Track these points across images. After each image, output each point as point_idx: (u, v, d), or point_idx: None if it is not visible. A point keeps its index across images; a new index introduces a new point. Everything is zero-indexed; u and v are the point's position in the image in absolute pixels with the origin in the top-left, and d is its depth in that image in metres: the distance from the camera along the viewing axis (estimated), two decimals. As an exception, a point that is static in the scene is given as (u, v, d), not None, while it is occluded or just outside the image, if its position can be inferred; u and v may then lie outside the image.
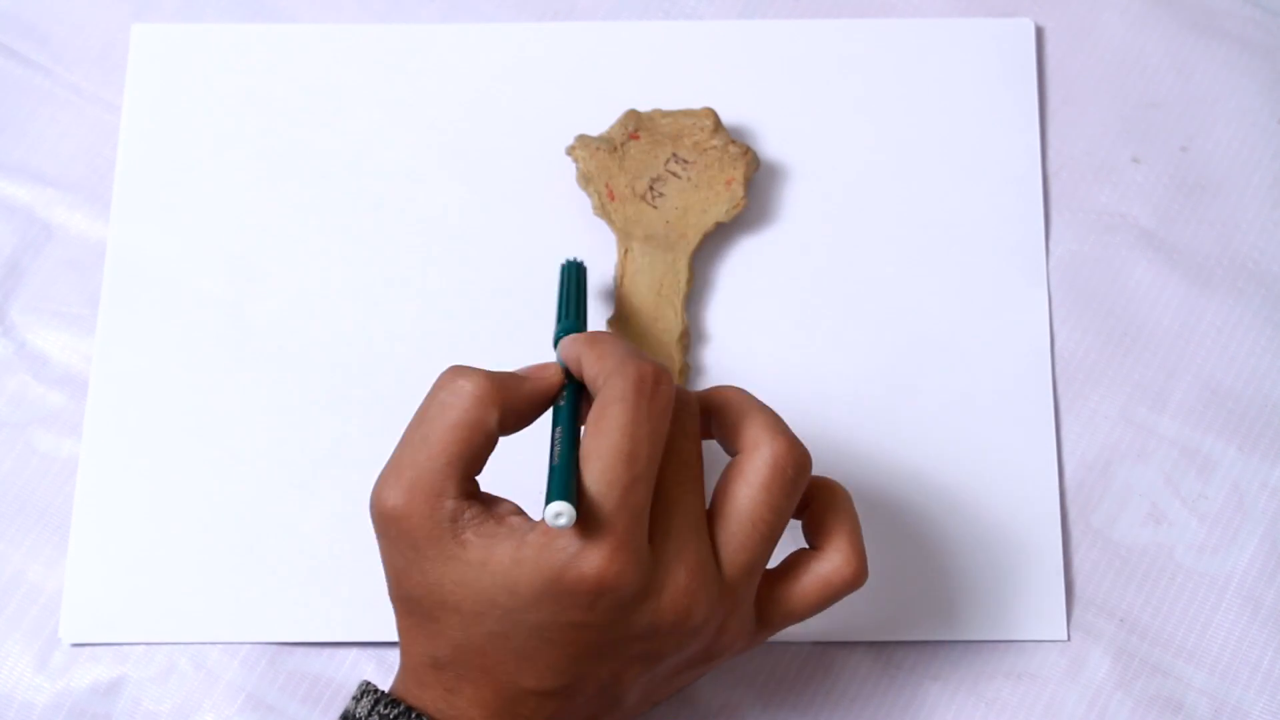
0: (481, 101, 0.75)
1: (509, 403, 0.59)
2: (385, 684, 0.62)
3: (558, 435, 0.58)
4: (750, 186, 0.73)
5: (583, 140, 0.72)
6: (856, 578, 0.61)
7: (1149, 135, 0.75)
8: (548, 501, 0.54)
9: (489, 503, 0.58)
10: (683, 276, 0.71)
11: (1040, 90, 0.75)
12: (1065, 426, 0.71)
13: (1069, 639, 0.68)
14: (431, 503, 0.57)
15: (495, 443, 0.59)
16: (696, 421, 0.60)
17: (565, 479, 0.55)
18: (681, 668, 0.61)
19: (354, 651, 0.69)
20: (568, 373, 0.61)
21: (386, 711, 0.59)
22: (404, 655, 0.61)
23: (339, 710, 0.68)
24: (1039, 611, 0.69)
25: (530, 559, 0.56)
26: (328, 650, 0.69)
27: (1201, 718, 0.68)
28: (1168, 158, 0.75)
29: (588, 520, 0.56)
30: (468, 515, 0.57)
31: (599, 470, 0.56)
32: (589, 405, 0.60)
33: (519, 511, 0.59)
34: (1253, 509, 0.70)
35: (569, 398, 0.60)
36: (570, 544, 0.56)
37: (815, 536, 0.62)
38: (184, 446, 0.70)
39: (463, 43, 0.76)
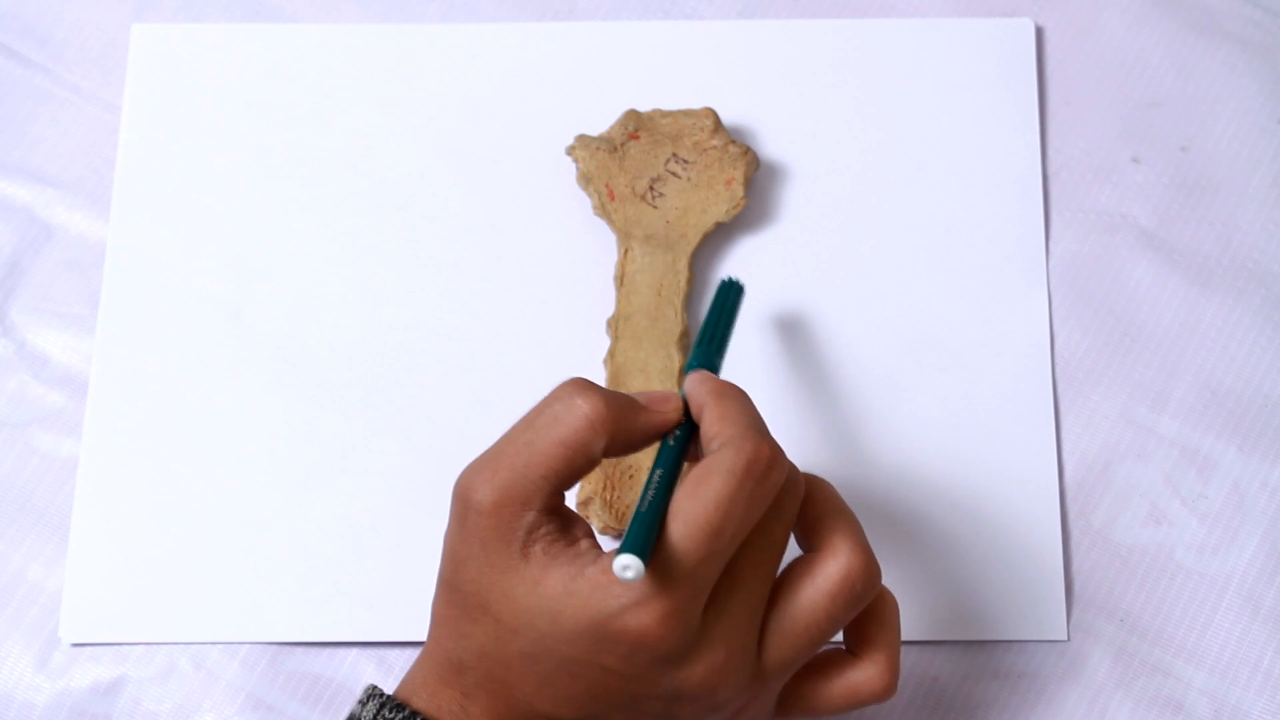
0: (481, 101, 0.75)
1: (620, 432, 0.57)
2: (387, 685, 0.62)
3: (655, 479, 0.56)
4: (750, 186, 0.73)
5: (583, 140, 0.72)
6: (886, 692, 0.60)
7: (1149, 135, 0.75)
8: (622, 549, 0.53)
9: (567, 522, 0.58)
10: (683, 276, 0.71)
11: (1040, 90, 0.75)
12: (1065, 426, 0.71)
13: (1069, 639, 0.68)
14: (515, 510, 0.56)
15: (596, 465, 0.58)
16: (796, 508, 0.59)
17: (646, 530, 0.54)
18: None
19: (354, 652, 0.69)
20: (686, 409, 0.60)
21: (392, 716, 0.58)
22: (430, 645, 0.60)
23: (339, 710, 0.68)
24: (1039, 611, 0.69)
25: (582, 593, 0.55)
26: (328, 650, 0.69)
27: (1201, 718, 0.68)
28: (1168, 158, 0.75)
29: (651, 576, 0.55)
30: (543, 530, 0.57)
31: (680, 533, 0.55)
32: (697, 447, 0.59)
33: (591, 536, 0.58)
34: (1253, 509, 0.70)
35: (680, 438, 0.59)
36: (626, 593, 0.55)
37: (856, 642, 0.61)
38: (184, 446, 0.70)
39: (463, 43, 0.76)
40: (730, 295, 0.66)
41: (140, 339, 0.72)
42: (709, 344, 0.64)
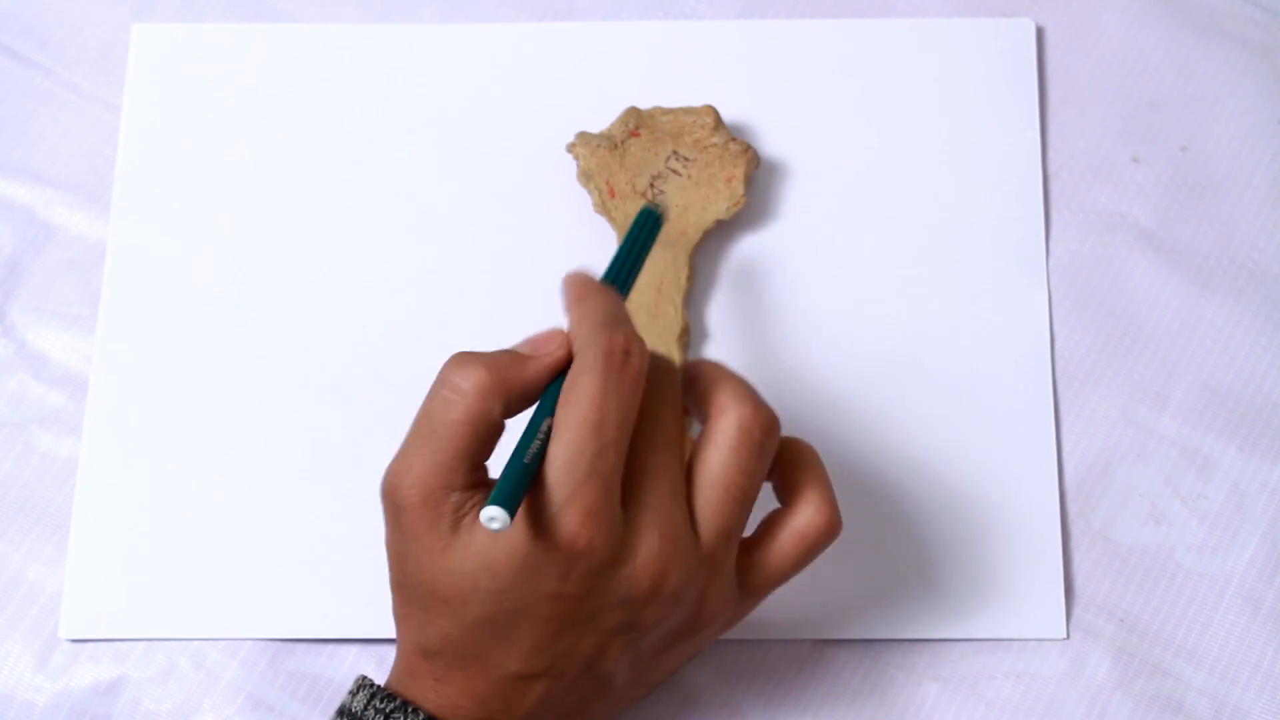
0: (481, 101, 0.75)
1: (512, 390, 0.59)
2: (383, 681, 0.63)
3: (543, 430, 0.58)
4: (751, 184, 0.73)
5: (583, 137, 0.72)
6: (831, 527, 0.61)
7: (1149, 135, 0.75)
8: (491, 501, 0.54)
9: (491, 489, 0.59)
10: (683, 274, 0.71)
11: (1040, 90, 0.75)
12: (1065, 426, 0.71)
13: (1068, 638, 0.68)
14: (439, 495, 0.58)
15: (502, 430, 0.59)
16: (677, 390, 0.60)
17: (517, 480, 0.56)
18: (667, 643, 0.61)
19: (354, 651, 0.69)
20: None
21: (383, 705, 0.59)
22: (399, 644, 0.61)
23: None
24: (1039, 611, 0.69)
25: (506, 535, 0.57)
26: (328, 650, 0.69)
27: (1201, 718, 0.68)
28: (1168, 158, 0.75)
29: (556, 489, 0.56)
30: (469, 505, 0.58)
31: (568, 440, 0.57)
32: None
33: None
34: (1253, 509, 0.70)
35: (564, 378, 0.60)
36: (542, 513, 0.57)
37: (786, 494, 0.62)
38: (183, 446, 0.70)
39: (463, 43, 0.76)
40: (645, 226, 0.65)
41: (140, 339, 0.72)
42: (615, 277, 0.63)
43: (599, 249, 0.72)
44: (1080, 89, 0.76)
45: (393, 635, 0.61)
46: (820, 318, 0.72)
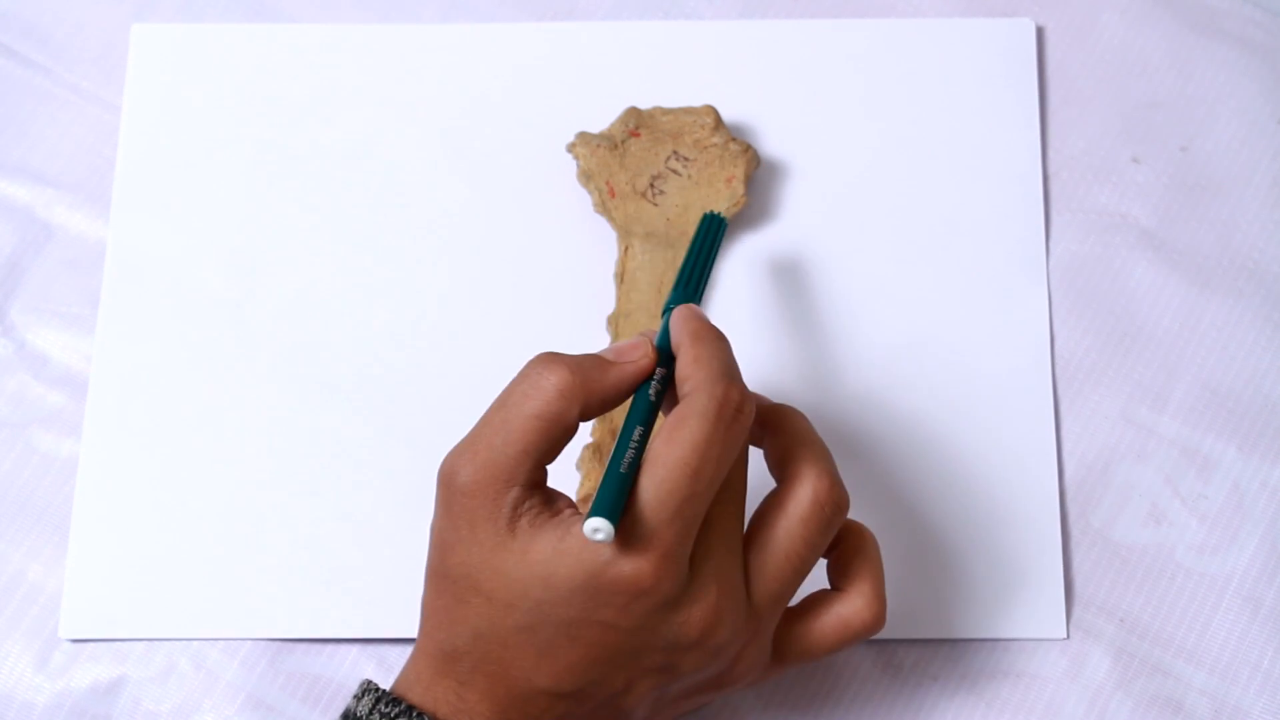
0: (481, 101, 0.75)
1: (593, 393, 0.59)
2: (386, 684, 0.62)
3: (634, 437, 0.58)
4: (750, 184, 0.73)
5: (583, 137, 0.72)
6: (875, 622, 0.61)
7: (1149, 135, 0.75)
8: (593, 512, 0.54)
9: (550, 497, 0.59)
10: (683, 274, 0.71)
11: (1040, 90, 0.75)
12: (1065, 426, 0.71)
13: (1068, 638, 0.68)
14: (498, 487, 0.57)
15: (574, 433, 0.59)
16: (747, 445, 0.60)
17: (615, 492, 0.55)
18: (692, 691, 0.61)
19: (354, 652, 0.69)
20: (665, 354, 0.61)
21: (388, 710, 0.59)
22: (421, 640, 0.60)
23: (339, 710, 0.68)
24: (1039, 611, 0.69)
25: (573, 551, 0.56)
26: (328, 650, 0.69)
27: (1201, 718, 0.68)
28: (1168, 158, 0.75)
29: (639, 524, 0.56)
30: (527, 505, 0.58)
31: (660, 478, 0.56)
32: (672, 389, 0.60)
33: (573, 506, 0.59)
34: (1253, 509, 0.70)
35: (658, 391, 0.60)
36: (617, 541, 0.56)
37: (839, 578, 0.62)
38: (184, 446, 0.70)
39: (463, 43, 0.76)
40: (712, 230, 0.66)
41: (140, 339, 0.72)
42: (692, 287, 0.64)
43: (599, 249, 0.72)
44: (1080, 89, 0.76)
45: (393, 635, 0.61)
46: (820, 317, 0.72)
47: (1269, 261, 0.73)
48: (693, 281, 0.65)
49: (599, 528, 0.54)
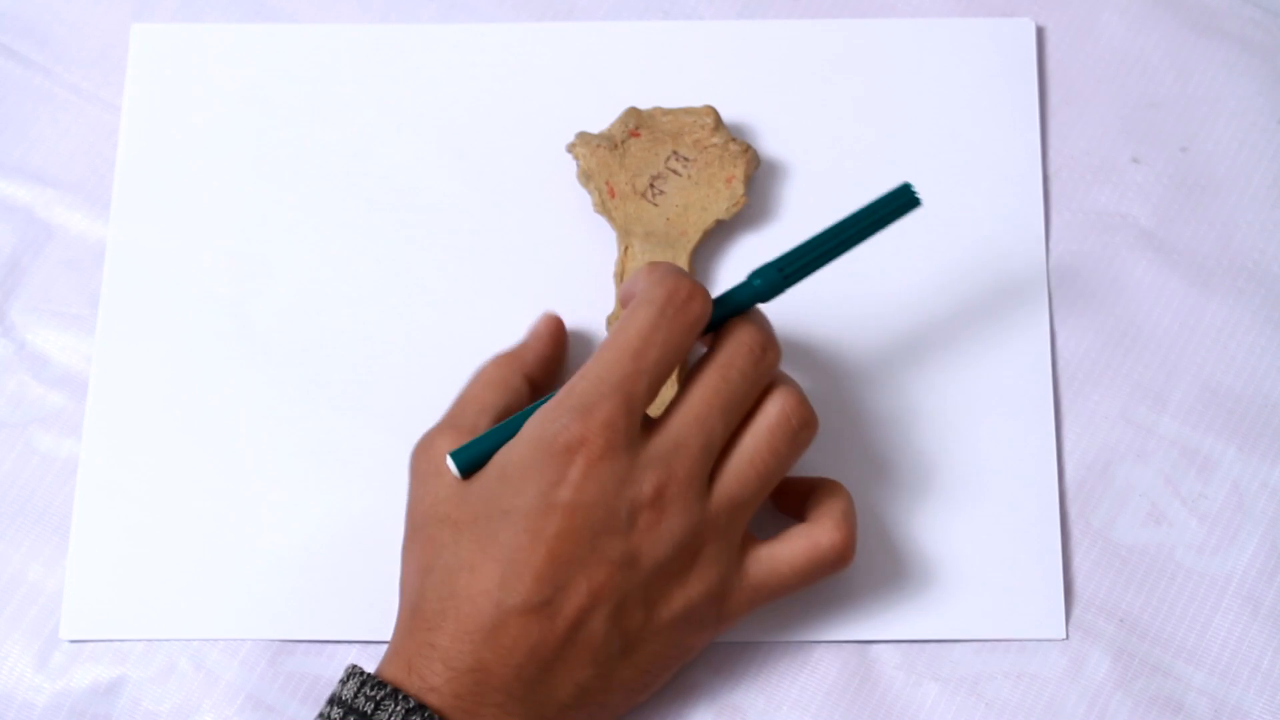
0: (481, 101, 0.75)
1: (527, 366, 0.67)
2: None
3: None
4: (751, 184, 0.73)
5: (583, 137, 0.72)
6: (844, 545, 0.64)
7: (1149, 135, 0.75)
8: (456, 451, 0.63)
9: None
10: (683, 274, 0.71)
11: (1040, 90, 0.75)
12: (1065, 426, 0.71)
13: (1068, 638, 0.68)
14: (462, 435, 0.64)
15: (526, 397, 0.66)
16: (766, 371, 0.64)
17: (488, 443, 0.63)
18: (658, 594, 0.62)
19: (354, 652, 0.68)
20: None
21: (373, 693, 0.60)
22: (398, 618, 0.63)
23: (339, 710, 0.68)
24: (1038, 611, 0.69)
25: (525, 435, 0.62)
26: (328, 651, 0.69)
27: (1201, 718, 0.68)
28: (1168, 158, 0.75)
29: (583, 396, 0.61)
30: None
31: (605, 359, 0.62)
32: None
33: None
34: (1253, 509, 0.70)
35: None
36: (563, 415, 0.61)
37: (809, 511, 0.65)
38: (184, 446, 0.70)
39: (463, 43, 0.76)
40: (901, 199, 0.66)
41: (140, 339, 0.72)
42: (841, 235, 0.66)
43: (599, 249, 0.72)
44: (1080, 89, 0.76)
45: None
46: (819, 318, 0.72)
47: (1269, 261, 0.73)
48: (852, 235, 0.66)
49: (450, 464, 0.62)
